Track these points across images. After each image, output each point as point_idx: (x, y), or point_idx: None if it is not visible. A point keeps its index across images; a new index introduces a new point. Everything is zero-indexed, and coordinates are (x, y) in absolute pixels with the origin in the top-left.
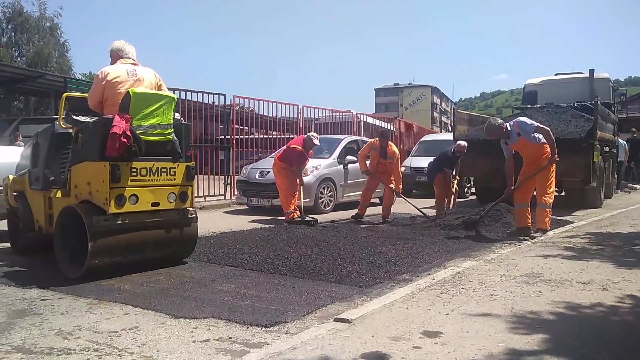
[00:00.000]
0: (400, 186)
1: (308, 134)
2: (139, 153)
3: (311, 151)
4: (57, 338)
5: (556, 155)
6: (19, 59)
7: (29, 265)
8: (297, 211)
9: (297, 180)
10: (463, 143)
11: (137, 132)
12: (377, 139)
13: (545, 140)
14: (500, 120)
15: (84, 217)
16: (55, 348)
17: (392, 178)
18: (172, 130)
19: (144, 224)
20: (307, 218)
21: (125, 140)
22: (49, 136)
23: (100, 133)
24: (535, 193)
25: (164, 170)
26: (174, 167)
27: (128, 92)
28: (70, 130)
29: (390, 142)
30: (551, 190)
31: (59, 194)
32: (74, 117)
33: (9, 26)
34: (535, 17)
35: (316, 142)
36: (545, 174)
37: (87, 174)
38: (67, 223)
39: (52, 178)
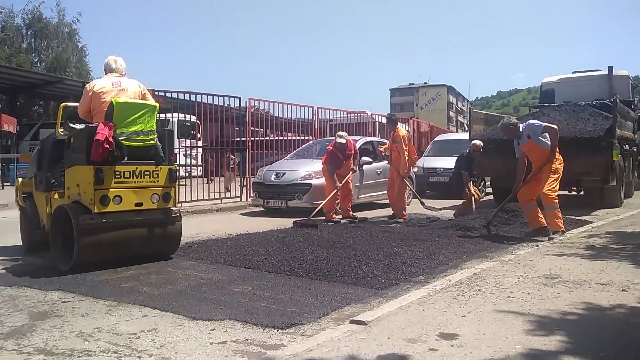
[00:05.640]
0: (407, 171)
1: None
2: (121, 158)
3: (354, 146)
4: (78, 340)
5: (555, 156)
6: (38, 64)
7: (50, 268)
8: (335, 214)
9: (347, 180)
10: (478, 142)
11: (120, 138)
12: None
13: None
14: (514, 120)
15: (72, 215)
16: (76, 349)
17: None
18: (155, 135)
19: (128, 223)
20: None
21: (107, 146)
22: (50, 142)
23: (87, 139)
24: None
25: (147, 172)
26: (157, 170)
27: (111, 102)
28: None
29: (398, 126)
30: (555, 191)
31: (56, 195)
32: (70, 124)
33: (29, 32)
34: (552, 13)
35: (338, 139)
36: (547, 175)
37: (76, 177)
38: (62, 221)
39: (53, 181)
